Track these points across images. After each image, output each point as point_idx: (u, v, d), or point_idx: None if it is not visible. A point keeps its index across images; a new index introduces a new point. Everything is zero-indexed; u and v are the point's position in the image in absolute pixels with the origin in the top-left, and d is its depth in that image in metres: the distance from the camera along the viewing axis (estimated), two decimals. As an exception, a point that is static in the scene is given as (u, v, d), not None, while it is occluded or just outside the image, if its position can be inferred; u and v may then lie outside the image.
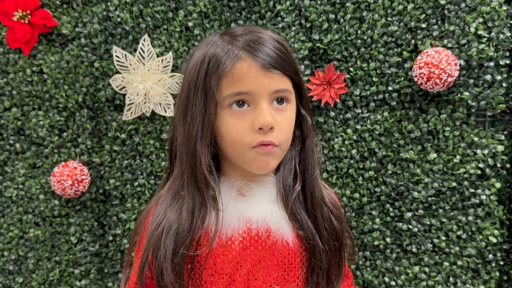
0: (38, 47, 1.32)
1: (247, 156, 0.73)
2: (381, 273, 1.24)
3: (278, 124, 0.72)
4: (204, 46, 0.75)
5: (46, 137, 1.34)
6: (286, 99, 0.75)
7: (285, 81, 0.74)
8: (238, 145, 0.73)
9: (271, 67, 0.71)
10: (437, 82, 1.09)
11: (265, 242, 0.75)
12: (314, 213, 0.79)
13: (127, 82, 1.27)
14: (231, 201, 0.76)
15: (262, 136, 0.71)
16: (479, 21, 1.11)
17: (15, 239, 1.38)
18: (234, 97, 0.71)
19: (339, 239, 0.81)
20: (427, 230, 1.21)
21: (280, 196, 0.78)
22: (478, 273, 1.19)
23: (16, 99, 1.35)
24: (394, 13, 1.16)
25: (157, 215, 0.77)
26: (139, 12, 1.27)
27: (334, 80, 1.19)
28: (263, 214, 0.76)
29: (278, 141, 0.73)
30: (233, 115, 0.72)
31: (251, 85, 0.70)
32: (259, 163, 0.73)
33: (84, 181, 1.30)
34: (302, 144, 0.81)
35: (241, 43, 0.72)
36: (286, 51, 0.74)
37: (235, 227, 0.75)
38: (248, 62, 0.70)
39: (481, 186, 1.16)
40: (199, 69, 0.73)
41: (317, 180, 0.80)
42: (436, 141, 1.18)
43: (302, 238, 0.77)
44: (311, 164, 0.80)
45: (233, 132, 0.72)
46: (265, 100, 0.71)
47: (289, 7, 1.20)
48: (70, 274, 1.37)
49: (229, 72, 0.70)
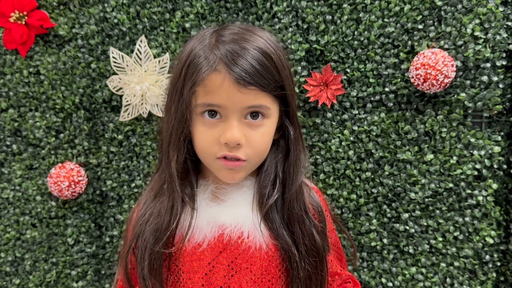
0: (35, 48, 1.32)
1: (213, 165, 0.74)
2: (378, 274, 1.24)
3: (249, 140, 0.71)
4: (195, 38, 0.75)
5: (43, 138, 1.34)
6: (262, 114, 0.73)
7: (262, 97, 0.71)
8: (205, 153, 0.74)
9: (246, 83, 0.68)
10: (433, 83, 1.09)
11: (239, 246, 0.75)
12: (292, 228, 0.77)
13: (124, 83, 1.27)
14: (205, 206, 0.76)
15: (226, 151, 0.71)
16: (476, 22, 1.11)
17: (12, 241, 1.38)
18: (206, 107, 0.71)
19: (320, 255, 0.78)
20: (424, 231, 1.21)
21: (256, 202, 0.77)
22: (475, 274, 1.19)
23: (12, 100, 1.34)
24: (390, 14, 1.16)
25: (141, 208, 0.79)
26: (136, 13, 1.27)
27: (331, 81, 1.19)
28: (236, 218, 0.76)
29: (246, 156, 0.72)
30: (204, 123, 0.72)
31: (222, 99, 0.69)
32: (224, 175, 0.75)
33: (81, 183, 1.30)
34: (286, 156, 0.80)
35: (222, 52, 0.69)
36: (271, 64, 0.71)
37: (207, 231, 0.75)
38: (222, 75, 0.69)
39: (478, 187, 1.16)
40: (182, 68, 0.72)
41: (298, 193, 0.78)
42: (433, 142, 1.18)
43: (278, 248, 0.76)
44: (292, 176, 0.78)
45: (202, 140, 0.73)
46: (235, 116, 0.70)
47: (286, 8, 1.20)
48: (67, 275, 1.37)
49: (202, 81, 0.69)
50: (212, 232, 0.75)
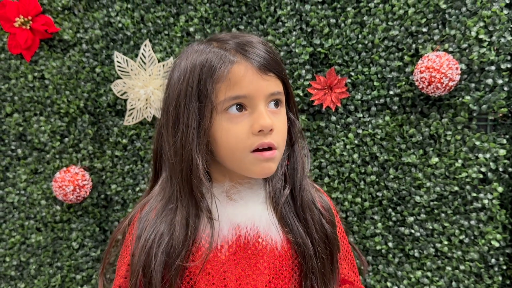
0: (39, 53, 1.32)
1: (246, 160, 0.72)
2: (384, 278, 1.24)
3: (276, 127, 0.72)
4: (190, 55, 0.74)
5: (47, 142, 1.34)
6: (280, 102, 0.75)
7: (279, 83, 0.74)
8: (236, 150, 0.72)
9: (267, 69, 0.71)
10: (438, 86, 1.09)
11: (254, 246, 0.74)
12: (304, 216, 0.78)
13: (128, 87, 1.27)
14: (220, 207, 0.75)
15: (262, 138, 0.71)
16: (480, 25, 1.11)
17: (17, 245, 1.38)
18: (232, 101, 0.70)
19: (331, 243, 0.80)
20: (429, 234, 1.20)
21: (270, 200, 0.78)
22: (481, 277, 1.19)
23: (17, 104, 1.35)
24: (395, 17, 1.16)
25: (143, 228, 0.75)
26: (140, 18, 1.27)
27: (335, 85, 1.19)
28: (251, 218, 0.75)
29: (277, 144, 0.72)
30: (230, 119, 0.71)
31: (248, 88, 0.70)
32: (261, 169, 0.73)
33: (86, 187, 1.30)
34: (291, 148, 0.81)
35: (233, 46, 0.71)
36: (275, 53, 0.75)
37: (225, 233, 0.74)
38: (244, 65, 0.70)
39: (483, 190, 1.16)
40: (190, 77, 0.71)
41: (306, 183, 0.80)
42: (437, 145, 1.17)
43: (292, 243, 0.76)
44: (300, 167, 0.80)
45: (231, 136, 0.71)
46: (262, 103, 0.71)
47: (290, 12, 1.20)
48: (72, 279, 1.37)
49: (226, 76, 0.69)
50: (230, 233, 0.75)
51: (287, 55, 1.22)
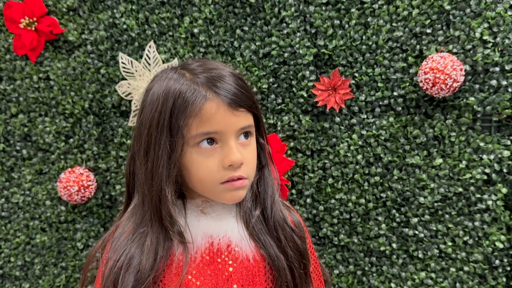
0: (44, 54, 1.33)
1: (217, 190, 0.74)
2: (387, 279, 1.24)
3: (245, 159, 0.74)
4: (162, 81, 0.74)
5: (52, 143, 1.35)
6: (250, 133, 0.77)
7: (249, 117, 0.76)
8: (207, 182, 0.74)
9: (238, 105, 0.72)
10: (442, 88, 1.09)
11: (227, 256, 0.76)
12: (277, 235, 0.80)
13: (133, 88, 1.27)
14: (194, 221, 0.77)
15: (232, 172, 0.73)
16: (484, 26, 1.11)
17: (22, 245, 1.39)
18: (203, 136, 0.72)
19: (304, 258, 0.82)
20: (433, 235, 1.20)
21: (241, 218, 0.80)
22: (485, 278, 1.19)
23: (22, 105, 1.36)
24: (399, 18, 1.16)
25: (115, 249, 0.76)
26: (145, 19, 1.28)
27: (339, 86, 1.20)
28: (224, 229, 0.78)
29: (247, 175, 0.75)
30: (201, 153, 0.72)
31: (220, 125, 0.71)
32: (231, 196, 0.75)
33: (90, 187, 1.31)
34: (261, 170, 0.84)
35: (205, 81, 0.72)
36: (245, 85, 0.76)
37: (198, 244, 0.76)
38: (216, 102, 0.71)
39: (487, 192, 1.16)
40: (162, 109, 0.71)
41: (277, 203, 0.83)
42: (442, 146, 1.17)
43: (266, 257, 0.78)
44: (270, 188, 0.83)
45: (202, 169, 0.73)
46: (232, 138, 0.73)
47: (294, 13, 1.21)
48: (77, 279, 1.37)
49: (198, 112, 0.70)
50: (203, 244, 0.76)
51: (291, 56, 1.22)
